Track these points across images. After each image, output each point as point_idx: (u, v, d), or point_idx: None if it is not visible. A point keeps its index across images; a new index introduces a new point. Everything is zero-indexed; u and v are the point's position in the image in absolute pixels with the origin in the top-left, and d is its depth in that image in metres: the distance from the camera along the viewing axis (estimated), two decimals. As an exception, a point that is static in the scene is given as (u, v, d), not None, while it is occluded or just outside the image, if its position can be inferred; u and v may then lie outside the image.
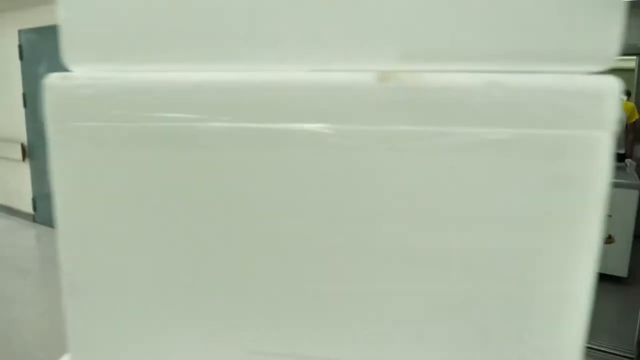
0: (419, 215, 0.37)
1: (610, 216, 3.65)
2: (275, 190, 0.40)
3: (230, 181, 0.41)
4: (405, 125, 0.35)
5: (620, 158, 4.44)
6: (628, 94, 5.82)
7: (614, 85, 0.34)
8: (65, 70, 0.52)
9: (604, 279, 3.70)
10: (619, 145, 4.50)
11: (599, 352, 2.82)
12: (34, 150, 4.53)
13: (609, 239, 3.66)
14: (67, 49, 0.51)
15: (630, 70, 6.10)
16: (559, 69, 0.34)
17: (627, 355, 2.75)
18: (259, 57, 0.40)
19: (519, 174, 0.35)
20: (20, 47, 4.52)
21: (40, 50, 4.30)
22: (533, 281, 0.36)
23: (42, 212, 4.68)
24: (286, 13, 0.38)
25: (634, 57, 5.32)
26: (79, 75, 0.50)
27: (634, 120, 4.29)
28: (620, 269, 3.64)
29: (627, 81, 5.99)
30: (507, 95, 0.34)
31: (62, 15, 0.50)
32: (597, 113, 0.34)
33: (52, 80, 0.50)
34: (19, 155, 4.65)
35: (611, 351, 2.82)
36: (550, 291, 0.37)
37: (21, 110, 4.57)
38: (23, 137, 4.62)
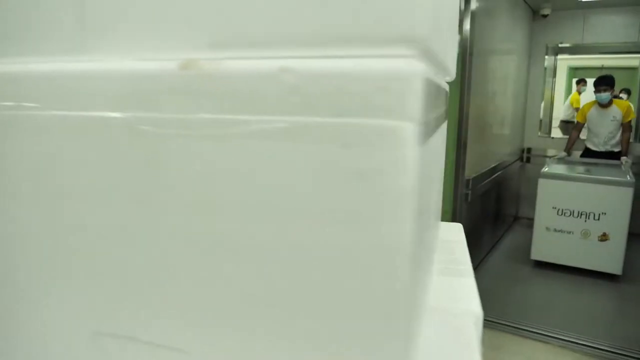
0: (222, 205, 0.36)
1: (605, 214, 3.59)
2: (98, 179, 0.39)
3: (61, 169, 0.40)
4: (206, 113, 0.34)
5: (616, 156, 4.39)
6: (628, 92, 5.73)
7: (417, 71, 0.32)
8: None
9: (598, 277, 3.64)
10: (615, 143, 4.44)
11: (601, 351, 2.77)
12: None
13: (603, 237, 3.60)
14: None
15: (634, 68, 5.99)
16: (362, 52, 0.32)
17: (634, 355, 2.69)
18: (80, 48, 0.39)
19: (317, 165, 0.33)
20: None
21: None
22: (336, 279, 0.34)
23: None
24: (107, 5, 0.37)
25: (638, 55, 5.22)
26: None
27: (629, 119, 4.25)
28: (615, 267, 3.58)
29: (629, 79, 5.90)
30: (300, 82, 0.31)
31: None
32: (394, 101, 0.31)
33: None
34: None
35: (612, 350, 2.77)
36: (354, 292, 0.35)
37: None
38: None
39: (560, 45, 5.24)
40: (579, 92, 6.15)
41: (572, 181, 3.70)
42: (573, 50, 5.38)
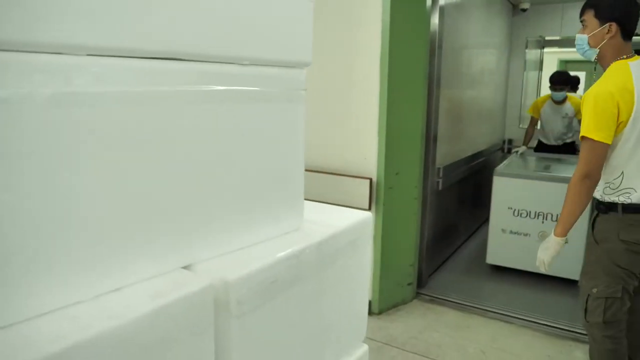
0: None
1: (564, 215, 3.34)
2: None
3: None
4: None
5: (571, 147, 4.16)
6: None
7: None
8: None
9: (557, 282, 3.31)
10: (570, 137, 4.18)
11: (560, 330, 2.76)
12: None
13: (561, 239, 3.35)
14: None
15: (631, 59, 5.56)
16: None
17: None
18: None
19: None
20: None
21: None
22: None
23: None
24: None
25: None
26: None
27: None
28: (574, 272, 3.24)
29: (628, 71, 5.49)
30: None
31: None
32: None
33: None
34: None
35: (571, 329, 2.76)
36: None
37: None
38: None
39: (547, 38, 4.99)
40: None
41: (528, 179, 3.40)
42: (562, 43, 5.10)
